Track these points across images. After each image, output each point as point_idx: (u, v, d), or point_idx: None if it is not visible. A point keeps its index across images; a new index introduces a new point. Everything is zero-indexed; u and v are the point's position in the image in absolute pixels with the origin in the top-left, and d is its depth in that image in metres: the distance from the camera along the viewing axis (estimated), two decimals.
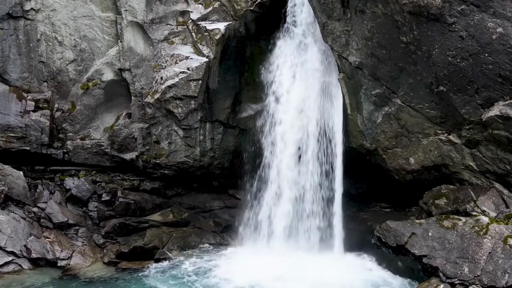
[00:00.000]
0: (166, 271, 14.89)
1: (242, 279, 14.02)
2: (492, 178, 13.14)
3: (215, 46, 16.07)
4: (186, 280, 14.23)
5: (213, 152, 17.06)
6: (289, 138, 16.08)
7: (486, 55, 11.53)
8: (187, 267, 15.05)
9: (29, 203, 16.12)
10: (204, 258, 15.66)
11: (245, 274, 14.32)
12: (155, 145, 16.76)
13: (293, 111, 16.22)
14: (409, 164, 14.49)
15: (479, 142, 12.82)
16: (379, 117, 14.53)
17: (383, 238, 12.25)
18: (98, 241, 16.09)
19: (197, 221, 17.10)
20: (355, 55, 14.16)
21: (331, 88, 15.74)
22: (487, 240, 11.09)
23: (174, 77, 15.99)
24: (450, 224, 11.69)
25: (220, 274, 14.52)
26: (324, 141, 15.85)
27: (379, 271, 14.37)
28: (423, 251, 11.55)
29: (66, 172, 17.40)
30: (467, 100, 12.35)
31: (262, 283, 13.65)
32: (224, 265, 15.12)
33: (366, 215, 16.05)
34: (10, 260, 14.70)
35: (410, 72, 13.19)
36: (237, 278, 14.10)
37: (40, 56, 17.04)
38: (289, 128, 16.22)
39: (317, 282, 13.54)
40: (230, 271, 14.60)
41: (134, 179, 17.57)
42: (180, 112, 16.14)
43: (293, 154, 16.19)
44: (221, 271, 14.69)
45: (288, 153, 16.15)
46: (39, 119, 16.70)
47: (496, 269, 10.69)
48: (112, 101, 17.33)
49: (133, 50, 16.66)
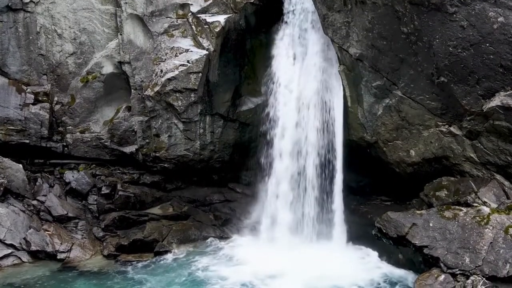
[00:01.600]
0: (166, 264, 14.86)
1: (242, 271, 14.01)
2: (493, 170, 13.09)
3: (215, 39, 16.02)
4: (185, 272, 14.20)
5: (213, 146, 17.01)
6: (289, 131, 16.01)
7: (487, 45, 11.48)
8: (187, 260, 15.01)
9: (29, 196, 16.06)
10: (204, 251, 15.62)
11: (245, 267, 14.34)
12: (155, 138, 16.70)
13: (293, 104, 16.17)
14: (410, 156, 14.44)
15: (480, 133, 12.77)
16: (379, 109, 14.48)
17: (384, 229, 12.20)
18: (97, 234, 16.03)
19: (197, 214, 17.04)
20: (355, 46, 14.11)
21: (332, 80, 15.68)
22: (488, 230, 11.06)
23: (174, 70, 15.93)
24: (451, 214, 11.65)
25: (221, 266, 14.50)
26: (324, 134, 15.80)
27: (380, 264, 14.36)
28: (424, 241, 11.51)
29: (66, 165, 17.34)
30: (468, 91, 12.30)
31: (263, 276, 13.61)
32: (224, 257, 15.09)
33: (366, 208, 16.01)
34: (9, 252, 14.67)
35: (411, 63, 13.13)
36: (237, 271, 14.09)
37: (40, 49, 16.98)
38: (289, 121, 16.17)
39: (317, 274, 13.52)
40: (230, 264, 14.59)
41: (134, 172, 17.52)
42: (180, 105, 16.08)
43: (293, 147, 16.15)
44: (221, 264, 14.67)
45: (288, 146, 16.10)
46: (39, 112, 16.64)
47: (498, 259, 10.66)
48: (112, 94, 17.27)
49: (133, 43, 16.61)
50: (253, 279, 13.55)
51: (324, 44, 15.91)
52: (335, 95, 15.58)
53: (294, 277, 13.47)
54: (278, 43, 16.69)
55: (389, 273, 13.77)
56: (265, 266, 14.11)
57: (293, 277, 13.46)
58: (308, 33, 16.17)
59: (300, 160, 16.10)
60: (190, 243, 15.97)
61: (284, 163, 16.27)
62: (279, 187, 16.21)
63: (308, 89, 15.91)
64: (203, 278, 13.80)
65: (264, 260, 14.52)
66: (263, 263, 14.35)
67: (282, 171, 16.22)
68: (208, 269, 14.37)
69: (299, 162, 16.13)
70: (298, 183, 16.04)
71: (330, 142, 15.75)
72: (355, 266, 14.25)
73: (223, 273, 14.08)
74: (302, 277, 13.42)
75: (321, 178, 15.88)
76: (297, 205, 16.00)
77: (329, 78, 15.76)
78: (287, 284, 13.23)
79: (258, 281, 13.46)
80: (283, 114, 16.32)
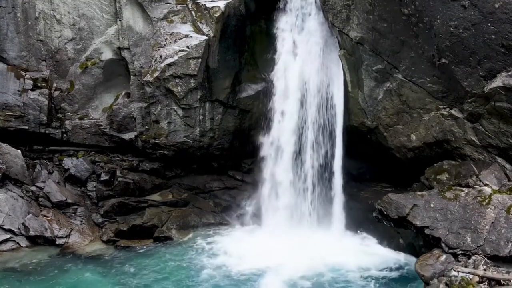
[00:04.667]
0: (165, 249, 14.78)
1: (242, 257, 13.92)
2: (494, 153, 13.00)
3: (214, 24, 15.94)
4: (185, 257, 14.12)
5: (212, 133, 16.92)
6: (289, 115, 15.95)
7: (488, 25, 11.38)
8: (186, 246, 14.94)
9: (27, 182, 15.99)
10: (204, 237, 15.54)
11: (246, 253, 14.23)
12: (154, 124, 16.61)
13: (292, 90, 16.09)
14: (411, 141, 14.36)
15: (482, 116, 12.68)
16: (380, 94, 14.40)
17: (385, 211, 12.09)
18: (96, 220, 15.98)
19: (197, 201, 17.00)
20: (356, 30, 14.03)
21: (331, 66, 15.61)
22: (490, 210, 10.97)
23: (174, 55, 15.84)
24: (453, 195, 11.57)
25: (220, 252, 14.43)
26: (324, 119, 15.74)
27: (381, 249, 14.34)
28: (425, 222, 11.41)
29: (65, 152, 17.28)
30: (469, 72, 12.21)
31: (263, 262, 13.49)
32: (224, 243, 15.01)
33: (366, 194, 15.92)
34: (8, 237, 14.62)
35: (412, 45, 13.05)
36: (237, 257, 14.00)
37: (38, 35, 16.89)
38: (289, 106, 16.10)
39: (317, 260, 13.44)
40: (229, 249, 14.51)
41: (133, 159, 17.44)
42: (180, 91, 15.99)
43: (293, 133, 16.08)
44: (220, 249, 14.59)
45: (288, 132, 16.04)
46: (38, 98, 16.56)
47: (499, 238, 10.57)
48: (111, 80, 17.19)
49: (132, 28, 16.53)
50: (254, 265, 13.43)
51: (324, 30, 15.82)
52: (335, 81, 15.50)
53: (294, 262, 13.36)
54: (278, 29, 16.57)
55: (390, 258, 13.73)
56: (266, 252, 14.03)
57: (293, 263, 13.35)
58: (308, 19, 16.05)
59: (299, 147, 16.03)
60: (189, 229, 15.91)
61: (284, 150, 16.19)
62: (279, 174, 16.11)
63: (308, 74, 15.81)
64: (203, 264, 13.71)
65: (264, 246, 14.47)
66: (263, 249, 14.28)
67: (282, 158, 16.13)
68: (207, 255, 14.29)
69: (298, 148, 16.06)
70: (298, 169, 15.95)
71: (330, 128, 15.68)
72: (355, 252, 14.18)
73: (223, 258, 14.01)
74: (302, 262, 13.32)
75: (321, 164, 15.81)
76: (297, 191, 15.91)
77: (329, 64, 15.67)
78: (288, 270, 13.08)
79: (258, 267, 13.31)
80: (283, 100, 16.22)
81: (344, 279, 12.69)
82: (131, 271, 13.26)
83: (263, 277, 12.68)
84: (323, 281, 12.59)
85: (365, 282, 12.53)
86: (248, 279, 12.72)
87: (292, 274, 12.75)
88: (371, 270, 13.11)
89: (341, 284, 12.50)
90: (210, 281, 12.64)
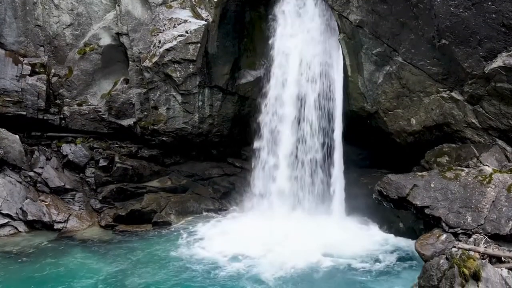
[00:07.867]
0: (164, 234, 14.71)
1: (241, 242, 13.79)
2: (494, 135, 12.95)
3: (213, 9, 15.86)
4: (183, 242, 14.03)
5: (212, 119, 16.83)
6: (288, 100, 15.87)
7: (489, 3, 11.35)
8: (185, 231, 14.85)
9: (25, 167, 15.89)
10: (203, 223, 15.45)
11: (245, 238, 14.11)
12: (153, 110, 16.52)
13: (292, 75, 16.00)
14: (411, 125, 14.30)
15: (482, 97, 12.64)
16: (380, 77, 14.34)
17: (384, 191, 12.04)
18: (95, 205, 15.90)
19: (196, 188, 16.93)
20: (355, 13, 13.97)
21: (331, 50, 15.53)
22: (491, 189, 10.92)
23: (173, 40, 15.75)
24: (453, 175, 11.52)
25: (219, 236, 14.32)
26: (324, 105, 15.65)
27: (381, 233, 14.25)
28: (425, 202, 11.36)
29: (63, 138, 17.18)
30: (469, 53, 12.15)
31: (263, 246, 13.38)
32: (223, 229, 14.93)
33: (366, 180, 15.84)
34: (5, 222, 14.56)
35: (412, 27, 12.99)
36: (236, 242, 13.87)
37: (37, 20, 16.80)
38: (288, 92, 16.02)
39: (319, 244, 13.33)
40: (228, 235, 14.41)
41: (132, 146, 17.35)
42: (179, 76, 15.90)
43: (292, 118, 16.01)
44: (219, 234, 14.50)
45: (287, 117, 15.97)
46: (36, 83, 16.48)
47: (500, 217, 10.53)
48: (110, 67, 17.10)
49: (130, 14, 16.44)
50: (252, 249, 13.30)
51: (323, 15, 15.74)
52: (335, 66, 15.41)
53: (296, 247, 13.25)
54: (277, 15, 16.47)
55: (390, 242, 13.64)
56: (265, 237, 13.91)
57: (295, 247, 13.25)
58: (308, 3, 15.96)
59: (299, 132, 15.95)
60: (188, 215, 15.84)
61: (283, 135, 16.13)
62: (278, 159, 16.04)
63: (307, 59, 15.73)
64: (202, 248, 13.60)
65: (264, 232, 14.32)
66: (263, 235, 14.14)
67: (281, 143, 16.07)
68: (206, 240, 14.18)
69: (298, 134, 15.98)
70: (298, 154, 15.88)
71: (330, 113, 15.60)
72: (356, 237, 14.08)
73: (221, 243, 13.85)
74: (303, 247, 13.22)
75: (321, 149, 15.73)
76: (297, 177, 15.83)
77: (329, 49, 15.59)
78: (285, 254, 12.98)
79: (257, 251, 13.18)
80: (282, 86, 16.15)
81: (344, 263, 12.58)
82: (128, 255, 13.15)
83: (261, 261, 12.58)
84: (322, 266, 12.47)
85: (365, 265, 12.43)
86: (245, 264, 12.56)
87: (287, 258, 12.60)
88: (371, 253, 13.02)
89: (341, 267, 12.40)
90: (208, 265, 12.51)
